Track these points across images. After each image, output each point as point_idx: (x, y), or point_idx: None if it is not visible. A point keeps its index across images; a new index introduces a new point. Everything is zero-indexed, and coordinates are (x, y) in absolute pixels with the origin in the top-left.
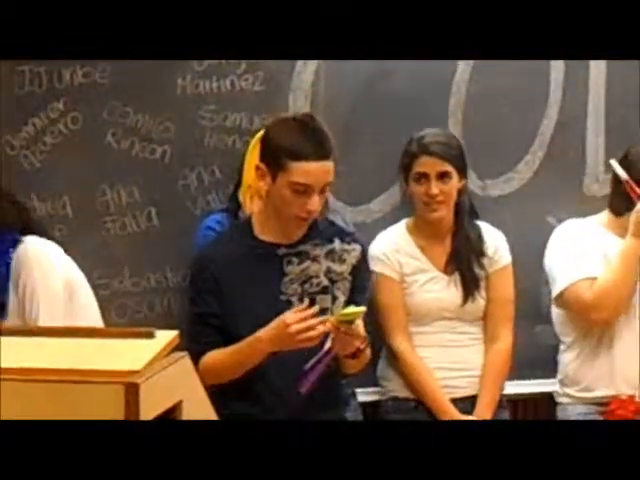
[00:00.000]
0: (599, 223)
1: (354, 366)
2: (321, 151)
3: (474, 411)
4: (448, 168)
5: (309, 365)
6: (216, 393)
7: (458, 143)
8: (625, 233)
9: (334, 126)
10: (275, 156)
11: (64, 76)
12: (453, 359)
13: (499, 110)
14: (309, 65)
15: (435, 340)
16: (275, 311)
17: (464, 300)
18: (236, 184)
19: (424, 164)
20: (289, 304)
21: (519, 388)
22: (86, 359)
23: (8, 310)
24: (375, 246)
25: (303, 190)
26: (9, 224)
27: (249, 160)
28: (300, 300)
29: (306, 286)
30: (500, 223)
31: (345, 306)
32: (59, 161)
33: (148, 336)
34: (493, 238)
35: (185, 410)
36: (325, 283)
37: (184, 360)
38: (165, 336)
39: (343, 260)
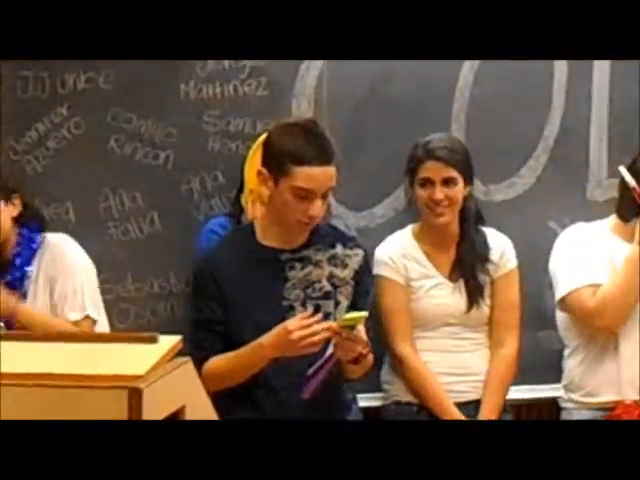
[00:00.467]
0: (606, 228)
1: (356, 371)
2: (324, 156)
3: (478, 416)
4: (453, 174)
5: (311, 371)
6: (218, 399)
7: (464, 149)
8: (632, 239)
9: (337, 131)
10: (278, 161)
11: (67, 81)
12: (457, 364)
13: (502, 115)
14: (312, 70)
15: (439, 345)
16: (277, 316)
17: (469, 307)
18: (238, 188)
19: (429, 169)
20: (292, 309)
21: (523, 393)
22: (89, 364)
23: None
24: (381, 250)
25: (305, 195)
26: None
27: (251, 165)
28: (303, 305)
29: (309, 291)
30: (503, 228)
31: (348, 311)
32: (62, 166)
33: (151, 341)
34: (499, 243)
35: (188, 415)
36: (328, 288)
37: (187, 365)
38: (168, 341)
39: (345, 265)
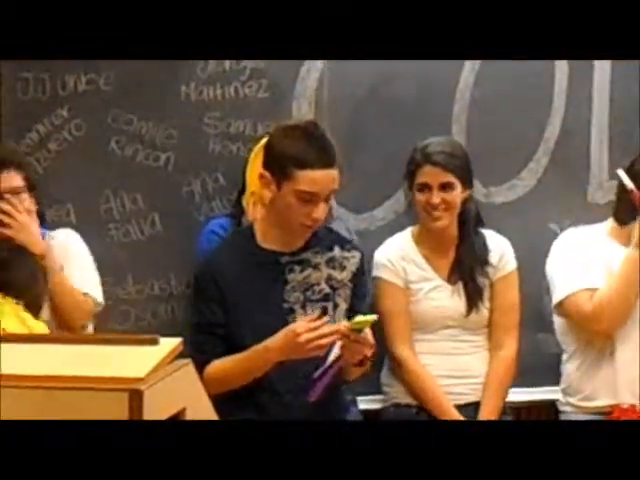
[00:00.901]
0: (603, 231)
1: (356, 373)
2: (326, 159)
3: (478, 418)
4: (451, 179)
5: (317, 374)
6: (222, 402)
7: (463, 153)
8: (629, 242)
9: (337, 133)
10: (280, 164)
11: (68, 83)
12: (456, 366)
13: (503, 117)
14: (312, 72)
15: (438, 348)
16: (278, 319)
17: (468, 310)
18: (239, 190)
19: (427, 174)
20: (292, 312)
21: (523, 396)
22: (90, 366)
23: None
24: (380, 252)
25: (309, 198)
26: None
27: (252, 166)
28: (302, 308)
29: (308, 294)
30: (503, 230)
31: (346, 313)
32: (63, 168)
33: (152, 343)
34: (498, 246)
35: (189, 417)
36: (326, 290)
37: (188, 367)
38: (169, 343)
39: (343, 267)
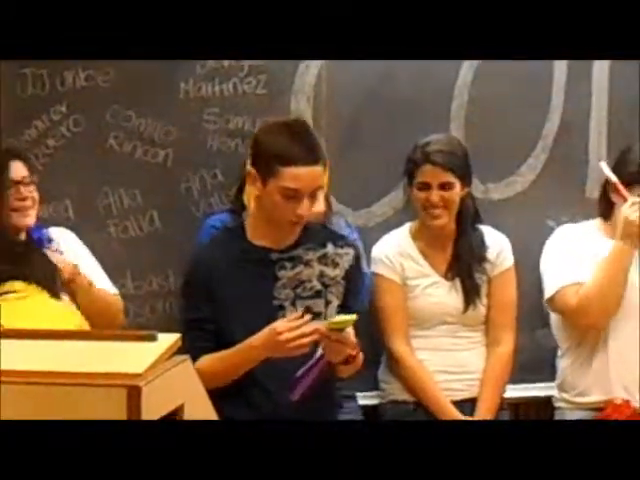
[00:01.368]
0: (594, 227)
1: (347, 370)
2: (310, 156)
3: (475, 414)
4: (450, 178)
5: (300, 373)
6: (213, 399)
7: (463, 151)
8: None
9: (336, 129)
10: (265, 161)
11: (66, 79)
12: (453, 362)
13: (501, 114)
14: (311, 68)
15: (436, 344)
16: (267, 316)
17: (465, 306)
18: (239, 186)
19: (426, 173)
20: (282, 309)
21: (520, 392)
22: (88, 362)
23: None
24: (378, 249)
25: (293, 195)
26: None
27: None
28: (293, 305)
29: (299, 290)
30: (502, 227)
31: (339, 310)
32: (61, 164)
33: (150, 339)
34: (496, 242)
35: (187, 413)
36: (318, 287)
37: (186, 363)
38: (167, 339)
39: (336, 264)
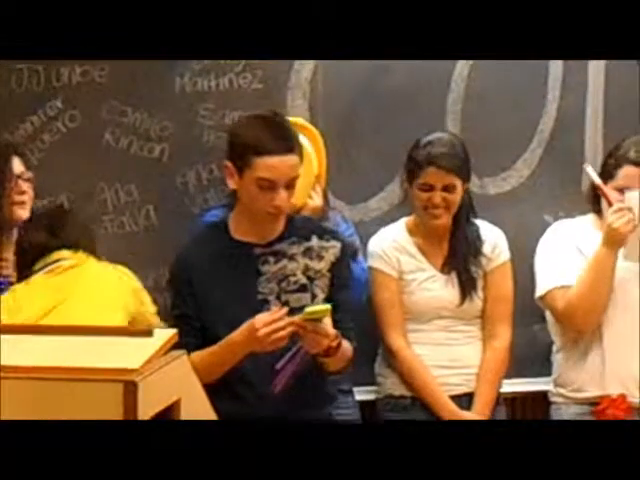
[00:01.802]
0: (590, 222)
1: (333, 364)
2: (284, 145)
3: (472, 408)
4: (453, 181)
5: (279, 365)
6: None
7: (465, 151)
8: None
9: (332, 124)
10: (240, 153)
11: (62, 74)
12: (450, 357)
13: (497, 107)
14: (307, 63)
15: (432, 338)
16: (252, 311)
17: (461, 300)
18: None
19: (430, 175)
20: (266, 303)
21: (518, 386)
22: (84, 357)
23: None
24: (374, 243)
25: (268, 185)
26: None
27: None
28: (278, 299)
29: (283, 284)
30: (498, 221)
31: (325, 303)
32: (57, 159)
33: (146, 334)
34: (492, 236)
35: (183, 408)
36: (304, 281)
37: (182, 358)
38: (163, 334)
39: (321, 257)
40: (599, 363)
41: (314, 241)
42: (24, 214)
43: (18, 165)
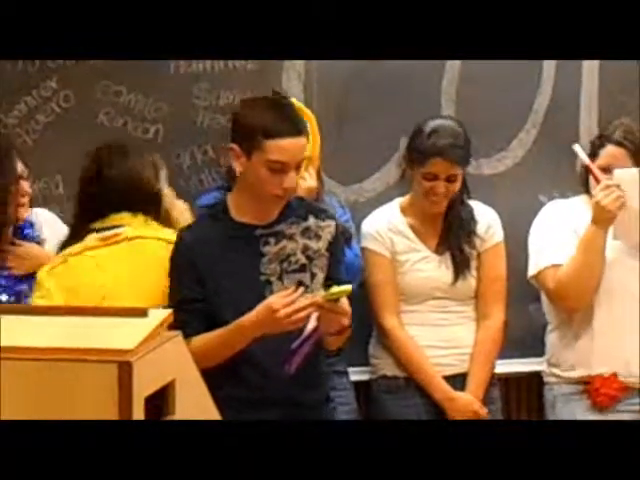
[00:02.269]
0: (583, 202)
1: (336, 342)
2: (295, 127)
3: (465, 388)
4: (458, 171)
5: (296, 344)
6: (203, 375)
7: (466, 138)
8: None
9: (327, 105)
10: (249, 136)
11: None
12: (443, 337)
13: (492, 89)
14: None
15: (426, 319)
16: (255, 292)
17: (455, 279)
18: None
19: (436, 166)
20: (269, 284)
21: (510, 367)
22: (79, 337)
23: None
24: (368, 223)
25: (279, 168)
26: None
27: None
28: (279, 279)
29: (284, 265)
30: (493, 202)
31: (324, 282)
32: (52, 140)
33: (141, 314)
34: (485, 217)
35: (178, 389)
36: (303, 261)
37: (177, 339)
38: (158, 315)
39: (319, 237)
40: (589, 342)
41: (311, 221)
42: (25, 213)
43: (19, 165)
